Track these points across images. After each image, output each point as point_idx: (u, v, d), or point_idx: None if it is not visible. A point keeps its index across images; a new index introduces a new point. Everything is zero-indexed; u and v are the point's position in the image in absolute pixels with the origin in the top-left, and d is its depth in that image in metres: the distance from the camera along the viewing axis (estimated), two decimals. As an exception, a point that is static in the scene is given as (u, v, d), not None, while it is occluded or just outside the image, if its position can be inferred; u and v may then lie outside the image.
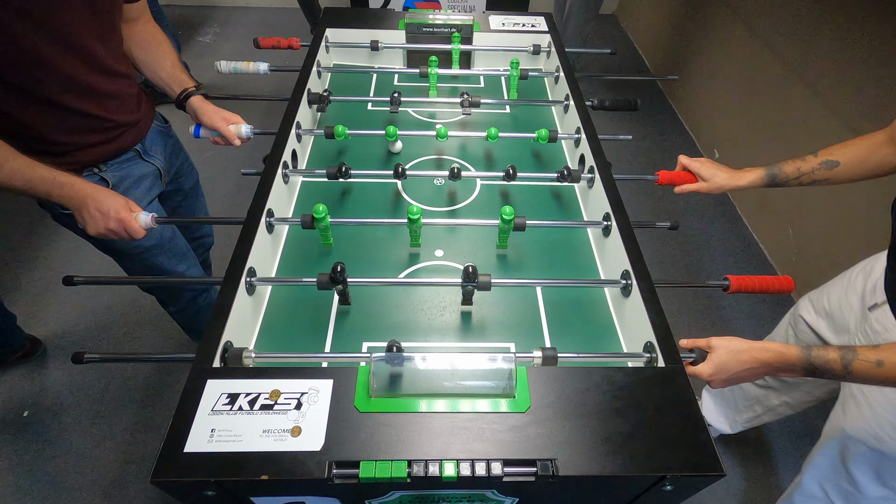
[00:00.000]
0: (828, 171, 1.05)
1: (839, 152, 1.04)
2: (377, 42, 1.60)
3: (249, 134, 1.23)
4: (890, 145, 0.99)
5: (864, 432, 1.05)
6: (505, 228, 1.06)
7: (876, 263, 1.10)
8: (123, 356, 1.43)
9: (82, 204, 0.98)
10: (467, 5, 2.84)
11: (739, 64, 2.53)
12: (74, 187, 0.98)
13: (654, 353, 0.84)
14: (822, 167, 1.05)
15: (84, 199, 0.98)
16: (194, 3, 3.98)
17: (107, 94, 1.08)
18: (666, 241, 2.39)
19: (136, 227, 1.01)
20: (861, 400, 1.05)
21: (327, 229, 1.06)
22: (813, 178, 1.06)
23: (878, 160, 1.01)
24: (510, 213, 1.02)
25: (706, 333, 2.00)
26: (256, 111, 2.85)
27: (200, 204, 1.51)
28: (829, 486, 1.19)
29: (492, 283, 0.93)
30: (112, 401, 1.73)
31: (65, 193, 0.97)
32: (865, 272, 1.12)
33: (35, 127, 1.01)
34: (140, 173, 1.21)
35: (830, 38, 1.94)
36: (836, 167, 1.04)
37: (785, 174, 1.08)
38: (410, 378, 0.76)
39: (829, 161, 1.04)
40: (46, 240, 2.21)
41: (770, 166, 1.10)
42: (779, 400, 1.42)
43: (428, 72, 1.48)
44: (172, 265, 1.34)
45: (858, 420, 1.05)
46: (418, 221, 1.03)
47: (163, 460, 0.66)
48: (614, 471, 0.68)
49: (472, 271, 0.92)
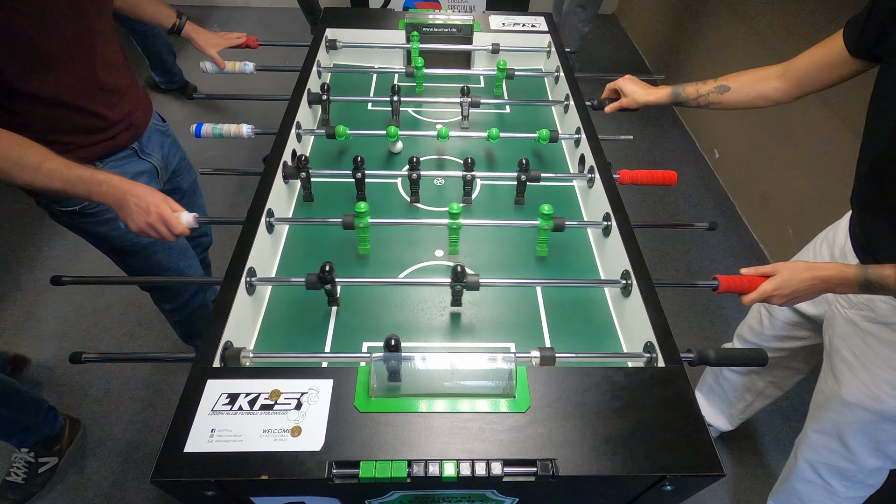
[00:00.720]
0: (720, 95, 1.13)
1: (733, 79, 1.13)
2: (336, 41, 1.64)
3: (251, 133, 1.25)
4: (779, 80, 1.06)
5: (861, 395, 1.06)
6: (545, 228, 1.06)
7: (837, 231, 1.12)
8: (123, 356, 1.44)
9: (123, 200, 0.96)
10: (467, 5, 2.84)
11: (739, 63, 2.53)
12: (113, 184, 0.96)
13: (654, 353, 0.84)
14: (716, 91, 1.14)
15: (124, 194, 0.96)
16: (194, 3, 3.98)
17: (110, 90, 1.09)
18: (666, 240, 2.39)
19: (175, 221, 0.99)
20: (855, 363, 1.06)
21: (366, 230, 1.06)
22: (708, 101, 1.15)
23: (762, 90, 1.09)
24: (549, 210, 1.03)
25: (706, 333, 2.02)
26: (256, 111, 2.86)
27: (198, 203, 1.51)
28: (822, 467, 1.21)
29: (483, 283, 0.93)
30: (112, 401, 1.73)
31: (104, 191, 0.95)
32: (829, 241, 1.14)
33: (36, 129, 1.01)
34: (136, 171, 1.21)
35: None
36: (727, 91, 1.13)
37: (686, 94, 1.18)
38: (410, 378, 0.76)
39: (722, 86, 1.13)
40: (46, 240, 2.21)
41: (676, 86, 1.20)
42: (764, 382, 1.43)
43: (414, 71, 1.49)
44: (173, 262, 1.34)
45: (855, 384, 1.06)
46: (365, 218, 1.02)
47: (163, 460, 0.66)
48: (614, 471, 0.68)
49: (460, 271, 0.92)
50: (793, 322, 1.25)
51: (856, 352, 1.05)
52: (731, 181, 2.64)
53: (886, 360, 1.01)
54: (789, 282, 0.87)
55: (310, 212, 1.21)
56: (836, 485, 1.21)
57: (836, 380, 1.10)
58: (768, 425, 1.77)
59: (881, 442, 1.10)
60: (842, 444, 1.14)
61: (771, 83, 1.07)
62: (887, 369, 1.01)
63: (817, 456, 1.20)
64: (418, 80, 1.52)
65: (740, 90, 1.11)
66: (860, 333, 1.04)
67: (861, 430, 1.10)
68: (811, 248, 1.20)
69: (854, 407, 1.08)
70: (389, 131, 1.24)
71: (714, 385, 1.58)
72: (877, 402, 1.04)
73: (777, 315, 1.28)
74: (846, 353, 1.07)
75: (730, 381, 1.51)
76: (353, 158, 1.14)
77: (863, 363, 1.04)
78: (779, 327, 1.28)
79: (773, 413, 1.79)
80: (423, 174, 1.18)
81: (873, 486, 1.22)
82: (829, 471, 1.20)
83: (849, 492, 1.22)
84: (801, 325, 1.24)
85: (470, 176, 1.18)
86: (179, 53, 2.99)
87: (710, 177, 2.73)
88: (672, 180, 1.20)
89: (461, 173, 1.19)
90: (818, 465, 1.21)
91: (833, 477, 1.21)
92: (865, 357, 1.04)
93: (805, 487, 1.27)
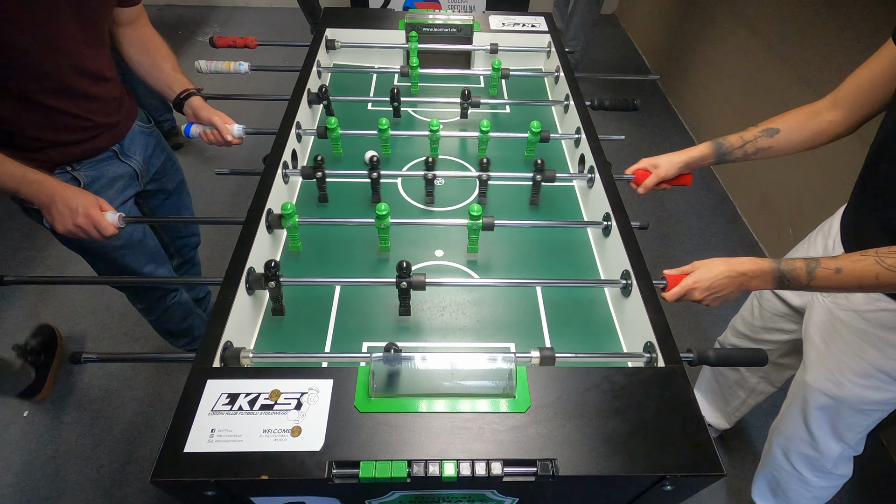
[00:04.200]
0: (769, 139, 1.06)
1: (779, 120, 1.06)
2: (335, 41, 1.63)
3: (241, 133, 1.23)
4: (833, 111, 1.01)
5: (824, 379, 1.08)
6: (474, 227, 1.05)
7: (833, 222, 1.12)
8: (122, 356, 1.44)
9: (50, 201, 0.98)
10: (467, 5, 2.84)
11: (739, 64, 2.53)
12: (44, 185, 0.98)
13: (654, 353, 0.84)
14: (763, 135, 1.06)
15: (52, 196, 0.98)
16: (194, 3, 3.98)
17: (89, 97, 1.08)
18: (666, 240, 2.39)
19: (104, 223, 1.00)
20: (823, 349, 1.08)
21: (295, 229, 1.06)
22: (756, 147, 1.07)
23: (817, 126, 1.03)
24: (478, 210, 1.02)
25: (706, 333, 2.02)
26: (256, 111, 2.85)
27: (185, 203, 1.50)
28: (793, 454, 1.24)
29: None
30: (112, 400, 1.73)
31: (33, 190, 0.97)
32: (824, 232, 1.14)
33: (8, 121, 1.01)
34: (114, 174, 1.20)
35: (830, 38, 1.94)
36: (776, 134, 1.06)
37: (730, 143, 1.09)
38: (410, 378, 0.76)
39: (769, 129, 1.06)
40: (47, 240, 2.21)
41: (714, 140, 1.11)
42: (755, 378, 1.45)
43: (409, 71, 1.49)
44: (140, 265, 1.33)
45: (819, 368, 1.09)
46: (386, 219, 1.02)
47: (163, 460, 0.66)
48: (614, 471, 0.68)
49: (405, 266, 0.91)
50: (779, 313, 1.26)
51: (826, 338, 1.08)
52: (731, 181, 2.64)
53: (853, 347, 1.03)
54: (706, 275, 0.90)
55: (322, 213, 1.21)
56: (806, 474, 1.24)
57: (804, 366, 1.13)
58: (768, 425, 1.77)
59: (839, 429, 1.13)
60: (807, 430, 1.17)
61: (824, 117, 1.02)
62: (853, 356, 1.03)
63: (788, 442, 1.23)
64: (413, 81, 1.52)
65: (793, 130, 1.04)
66: (833, 321, 1.06)
67: (822, 416, 1.13)
68: (807, 238, 1.21)
69: (816, 392, 1.10)
70: (381, 122, 1.24)
71: (711, 382, 1.59)
72: (838, 387, 1.06)
73: (765, 305, 1.30)
74: (818, 339, 1.10)
75: (725, 376, 1.53)
76: (369, 158, 1.14)
77: (830, 349, 1.07)
78: (767, 318, 1.30)
79: (771, 414, 1.77)
80: (422, 175, 1.18)
81: (843, 475, 1.24)
82: (798, 459, 1.23)
83: (820, 482, 1.25)
84: (788, 316, 1.25)
85: (486, 176, 1.18)
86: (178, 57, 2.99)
87: (710, 177, 2.73)
88: (687, 182, 1.17)
89: (476, 174, 1.19)
90: (790, 453, 1.24)
91: (803, 466, 1.23)
92: (834, 343, 1.06)
93: (780, 475, 1.30)
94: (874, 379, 1.03)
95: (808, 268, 0.84)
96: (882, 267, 0.79)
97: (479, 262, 1.11)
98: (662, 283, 0.94)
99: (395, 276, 0.91)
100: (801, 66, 2.10)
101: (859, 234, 0.99)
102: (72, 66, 1.01)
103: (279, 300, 0.95)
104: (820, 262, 0.84)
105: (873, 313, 0.99)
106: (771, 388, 1.45)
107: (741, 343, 1.40)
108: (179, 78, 1.21)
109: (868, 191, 0.96)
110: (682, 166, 1.13)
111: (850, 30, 1.85)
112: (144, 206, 1.39)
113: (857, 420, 1.11)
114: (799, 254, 1.22)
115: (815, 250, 1.15)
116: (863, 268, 0.80)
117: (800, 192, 2.11)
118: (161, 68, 1.20)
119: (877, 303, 0.98)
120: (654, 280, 0.94)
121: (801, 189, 2.11)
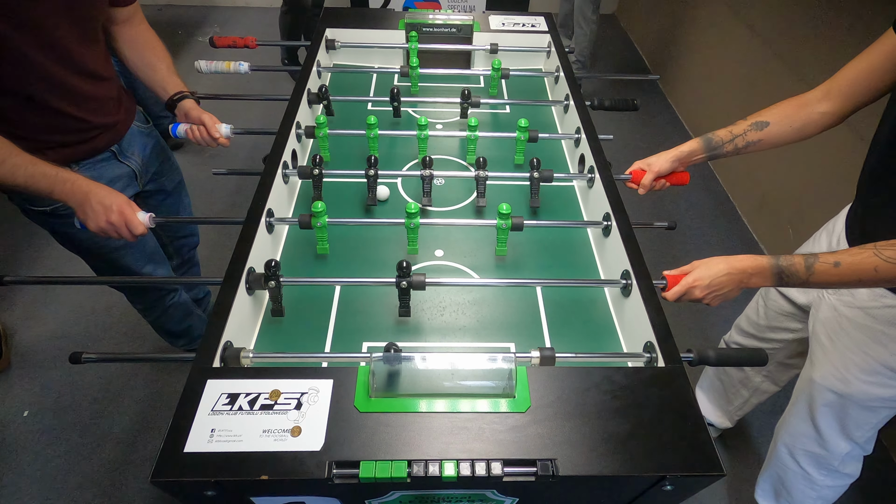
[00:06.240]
0: (758, 132, 1.05)
1: (767, 113, 1.05)
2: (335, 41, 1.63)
3: (230, 133, 1.23)
4: (825, 102, 1.00)
5: (830, 377, 1.07)
6: (503, 227, 1.05)
7: (838, 220, 1.12)
8: (121, 356, 1.44)
9: (85, 199, 0.98)
10: (467, 5, 2.84)
11: (739, 63, 2.53)
12: (77, 183, 0.98)
13: (654, 353, 0.84)
14: (752, 128, 1.05)
15: (87, 194, 0.98)
16: (194, 3, 3.98)
17: (87, 97, 1.07)
18: (666, 241, 2.39)
19: (136, 222, 1.01)
20: (829, 346, 1.07)
21: (324, 229, 1.05)
22: (746, 140, 1.06)
23: (807, 118, 1.01)
24: (507, 209, 1.01)
25: (707, 333, 2.02)
26: (256, 111, 2.85)
27: (184, 204, 1.50)
28: (799, 453, 1.23)
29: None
30: (112, 401, 1.72)
31: (67, 189, 0.97)
32: (829, 230, 1.14)
33: (3, 121, 1.00)
34: (113, 174, 1.20)
35: (830, 38, 1.94)
36: (766, 127, 1.04)
37: (719, 137, 1.08)
38: (410, 378, 0.76)
39: (759, 122, 1.05)
40: (47, 240, 2.19)
41: (705, 135, 1.10)
42: (759, 377, 1.44)
43: (409, 71, 1.49)
44: (139, 265, 1.34)
45: (825, 365, 1.08)
46: (416, 219, 1.02)
47: (163, 460, 0.66)
48: (614, 471, 0.68)
49: (405, 266, 0.91)
50: (785, 312, 1.26)
51: (832, 335, 1.07)
52: (731, 181, 2.64)
53: (859, 344, 1.03)
54: (705, 273, 0.90)
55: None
56: (813, 473, 1.23)
57: (811, 363, 1.12)
58: (768, 425, 1.77)
59: (848, 426, 1.12)
60: (814, 427, 1.16)
61: (815, 108, 1.00)
62: (858, 352, 1.03)
63: (794, 441, 1.23)
64: (413, 81, 1.52)
65: (783, 122, 1.03)
66: (838, 318, 1.06)
67: (830, 413, 1.12)
68: (813, 237, 1.20)
69: (823, 389, 1.10)
70: (369, 121, 1.24)
71: (714, 380, 1.58)
72: (845, 384, 1.06)
73: (770, 304, 1.29)
74: (823, 336, 1.09)
75: (728, 375, 1.52)
76: (367, 158, 1.14)
77: (836, 346, 1.06)
78: (772, 317, 1.29)
79: (772, 413, 1.78)
80: (421, 175, 1.18)
81: (850, 475, 1.23)
82: (805, 457, 1.22)
83: (826, 480, 1.24)
84: (794, 315, 1.25)
85: (483, 175, 1.17)
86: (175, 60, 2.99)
87: (710, 177, 2.73)
88: (684, 180, 1.17)
89: (473, 173, 1.18)
90: (796, 451, 1.23)
91: (810, 464, 1.22)
92: (839, 340, 1.06)
93: (785, 475, 1.29)
94: (880, 375, 1.03)
95: (807, 263, 0.84)
96: (880, 259, 0.78)
97: (478, 262, 1.11)
98: (662, 283, 0.94)
99: (395, 276, 0.91)
100: (800, 66, 2.10)
101: (865, 231, 0.98)
102: (65, 62, 1.01)
103: (279, 301, 0.95)
104: (818, 258, 0.84)
105: (879, 310, 0.99)
106: (775, 388, 1.45)
107: (747, 342, 1.40)
108: (174, 79, 1.22)
109: (882, 186, 0.93)
110: (673, 161, 1.12)
111: (850, 29, 1.85)
112: (143, 207, 1.39)
113: (864, 417, 1.10)
114: (804, 252, 1.22)
115: (820, 249, 1.14)
116: (861, 261, 0.80)
117: (800, 192, 2.11)
118: (156, 68, 1.20)
119: (882, 299, 0.98)
120: (654, 280, 0.94)
121: (801, 189, 2.11)
